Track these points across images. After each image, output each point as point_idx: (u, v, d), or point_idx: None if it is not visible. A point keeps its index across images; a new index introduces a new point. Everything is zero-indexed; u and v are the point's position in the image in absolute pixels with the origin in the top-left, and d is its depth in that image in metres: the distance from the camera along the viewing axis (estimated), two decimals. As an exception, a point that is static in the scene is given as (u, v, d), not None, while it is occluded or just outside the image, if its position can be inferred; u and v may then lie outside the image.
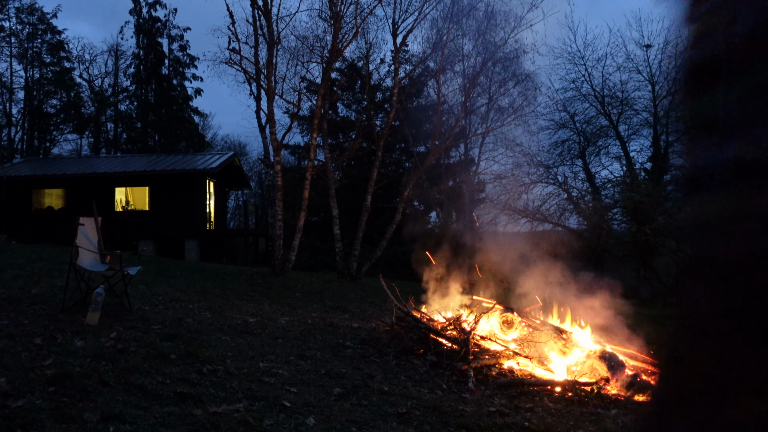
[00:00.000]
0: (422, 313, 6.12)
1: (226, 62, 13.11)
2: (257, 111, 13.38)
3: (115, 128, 32.85)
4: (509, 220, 19.64)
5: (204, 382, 3.64)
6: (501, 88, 16.71)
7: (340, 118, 24.11)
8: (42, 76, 30.16)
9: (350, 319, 7.26)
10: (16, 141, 30.11)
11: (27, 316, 4.83)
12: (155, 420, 2.91)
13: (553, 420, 3.87)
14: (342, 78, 21.33)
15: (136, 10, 31.17)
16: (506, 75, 16.55)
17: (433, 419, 3.56)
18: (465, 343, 5.14)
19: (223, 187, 23.06)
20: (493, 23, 14.87)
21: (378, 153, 14.24)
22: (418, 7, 14.18)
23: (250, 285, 9.82)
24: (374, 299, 9.88)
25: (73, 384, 3.17)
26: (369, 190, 13.80)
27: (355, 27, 13.09)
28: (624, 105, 22.49)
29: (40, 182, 19.44)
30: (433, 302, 6.68)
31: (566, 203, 21.92)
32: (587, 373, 5.00)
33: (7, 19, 28.50)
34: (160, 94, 31.11)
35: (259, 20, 12.56)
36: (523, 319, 5.89)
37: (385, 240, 13.79)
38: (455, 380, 4.69)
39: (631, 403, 4.57)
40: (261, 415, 3.17)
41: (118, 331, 4.61)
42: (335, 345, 5.47)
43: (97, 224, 5.81)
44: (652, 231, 14.77)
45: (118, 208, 19.31)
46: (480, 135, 18.85)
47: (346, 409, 3.55)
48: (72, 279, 5.38)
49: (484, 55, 15.37)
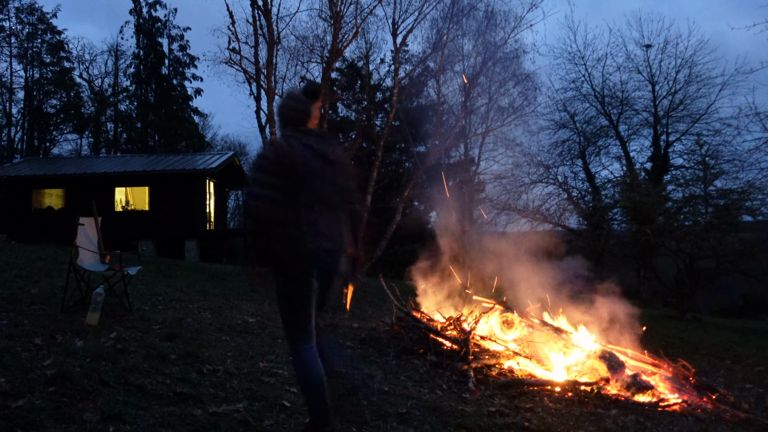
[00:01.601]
0: (422, 313, 6.12)
1: (226, 62, 13.14)
2: (257, 111, 13.40)
3: (115, 128, 32.86)
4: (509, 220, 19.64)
5: (204, 382, 3.64)
6: (501, 88, 16.72)
7: (340, 118, 24.12)
8: (42, 76, 30.17)
9: (350, 319, 7.26)
10: (16, 141, 30.13)
11: (27, 316, 4.83)
12: (155, 420, 2.91)
13: (553, 420, 3.87)
14: (342, 78, 21.35)
15: (136, 10, 31.18)
16: (506, 75, 16.56)
17: (433, 419, 3.55)
18: (465, 343, 5.13)
19: (223, 187, 23.05)
20: (493, 23, 14.89)
21: (378, 153, 14.23)
22: (418, 7, 14.21)
23: (250, 285, 9.80)
24: (374, 299, 9.87)
25: (73, 384, 3.17)
26: (369, 190, 13.80)
27: (355, 27, 13.11)
28: (624, 105, 22.47)
29: (40, 182, 19.43)
30: (432, 302, 6.68)
31: (566, 203, 21.91)
32: (587, 373, 5.00)
33: (7, 19, 28.53)
34: (160, 94, 31.12)
35: (259, 20, 12.58)
36: (523, 319, 5.89)
37: (385, 240, 13.78)
38: (455, 380, 4.69)
39: (631, 403, 4.57)
40: (261, 415, 3.17)
41: (118, 331, 4.60)
42: (335, 345, 5.47)
43: (97, 224, 5.81)
44: (652, 231, 14.74)
45: (118, 208, 19.30)
46: (480, 135, 18.86)
47: (346, 409, 3.55)
48: (72, 279, 5.38)
49: (484, 55, 15.38)
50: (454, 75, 16.88)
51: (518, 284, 6.62)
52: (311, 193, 2.73)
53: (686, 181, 19.01)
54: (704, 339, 10.32)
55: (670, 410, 4.57)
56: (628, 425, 3.98)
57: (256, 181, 2.64)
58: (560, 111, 22.79)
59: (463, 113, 15.92)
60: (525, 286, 6.55)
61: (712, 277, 16.05)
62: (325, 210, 2.78)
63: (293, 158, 2.67)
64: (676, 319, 14.27)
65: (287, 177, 2.66)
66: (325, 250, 2.75)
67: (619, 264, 18.81)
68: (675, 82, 21.68)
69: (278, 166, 2.66)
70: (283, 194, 2.64)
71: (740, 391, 5.81)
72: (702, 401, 4.93)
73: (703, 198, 17.35)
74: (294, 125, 2.81)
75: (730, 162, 19.48)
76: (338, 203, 2.87)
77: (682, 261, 15.62)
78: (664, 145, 22.33)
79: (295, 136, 2.77)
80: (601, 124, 23.08)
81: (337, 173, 2.83)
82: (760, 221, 16.71)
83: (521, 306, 6.24)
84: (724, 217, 14.94)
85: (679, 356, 6.41)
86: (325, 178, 2.77)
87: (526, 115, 16.81)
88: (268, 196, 2.61)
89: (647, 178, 19.84)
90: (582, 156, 23.01)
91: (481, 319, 5.59)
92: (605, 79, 22.54)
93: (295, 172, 2.67)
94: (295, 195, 2.69)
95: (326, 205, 2.78)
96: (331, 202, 2.81)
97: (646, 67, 22.25)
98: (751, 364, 7.76)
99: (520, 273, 6.67)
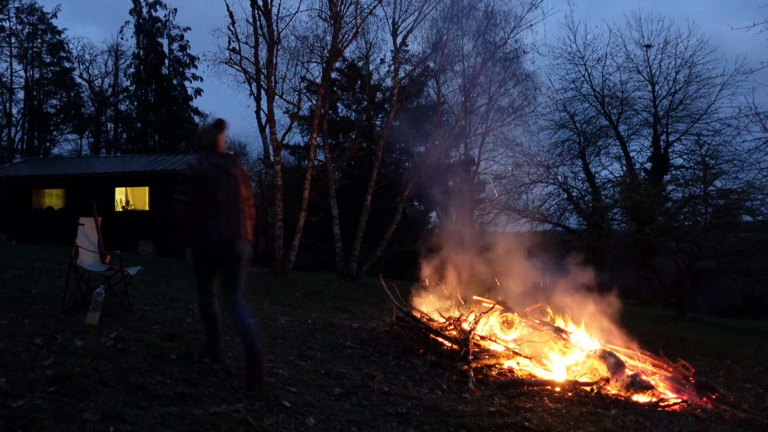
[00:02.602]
0: (422, 313, 6.12)
1: (226, 62, 13.11)
2: (257, 111, 13.38)
3: (115, 128, 32.85)
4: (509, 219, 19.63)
5: (204, 382, 3.64)
6: (501, 88, 16.71)
7: (340, 118, 24.10)
8: (42, 76, 30.14)
9: (350, 319, 7.26)
10: (16, 141, 30.11)
11: (27, 316, 4.83)
12: (155, 420, 2.91)
13: (553, 420, 3.87)
14: (342, 78, 21.32)
15: (136, 10, 31.15)
16: (506, 75, 16.55)
17: (433, 419, 3.56)
18: (465, 343, 5.13)
19: (223, 187, 22.97)
20: (492, 23, 14.87)
21: (378, 153, 14.23)
22: (418, 7, 14.19)
23: (250, 285, 9.80)
24: (374, 299, 9.88)
25: (73, 384, 3.17)
26: (369, 190, 13.79)
27: (355, 27, 13.09)
28: (624, 105, 22.47)
29: (40, 182, 19.43)
30: (432, 302, 6.68)
31: (566, 203, 21.92)
32: (587, 373, 5.00)
33: (7, 19, 28.49)
34: (160, 94, 31.09)
35: (259, 20, 12.56)
36: (523, 319, 5.89)
37: (385, 240, 13.78)
38: (455, 380, 4.69)
39: (631, 403, 4.58)
40: (261, 415, 3.17)
41: (118, 331, 4.60)
42: (335, 345, 5.47)
43: (97, 224, 5.81)
44: (652, 231, 14.75)
45: (118, 208, 19.29)
46: (480, 135, 18.85)
47: (346, 409, 3.55)
48: (72, 279, 5.38)
49: (484, 55, 15.37)
50: (454, 75, 16.89)
51: (517, 284, 6.62)
52: (215, 198, 3.79)
53: (686, 181, 19.02)
54: (704, 339, 10.32)
55: (670, 410, 4.57)
56: (628, 425, 3.98)
57: (177, 190, 3.82)
58: (560, 111, 22.82)
59: (463, 113, 15.92)
60: (525, 287, 6.56)
61: (712, 277, 16.06)
62: (225, 210, 3.82)
63: (203, 173, 3.80)
64: (676, 319, 14.27)
65: (198, 187, 3.79)
66: (224, 239, 3.80)
67: (619, 264, 18.81)
68: (675, 82, 21.69)
69: (192, 179, 3.80)
70: (195, 199, 3.79)
71: (740, 391, 5.81)
72: (702, 401, 4.93)
73: (703, 198, 17.36)
74: (206, 149, 3.96)
75: (729, 162, 19.50)
76: (236, 205, 3.88)
77: (682, 261, 15.62)
78: (664, 145, 22.34)
79: (205, 156, 3.89)
80: (601, 124, 23.10)
81: (235, 183, 3.89)
82: (760, 221, 16.72)
83: (521, 306, 6.24)
84: (724, 217, 14.95)
85: (679, 356, 6.42)
86: (227, 187, 3.84)
87: (526, 115, 16.81)
88: (184, 200, 3.79)
89: (647, 178, 19.84)
90: (582, 156, 23.02)
91: (481, 319, 5.59)
92: (605, 79, 22.57)
93: (203, 183, 3.78)
94: (203, 200, 3.79)
95: (226, 206, 3.82)
96: (230, 204, 3.85)
97: (646, 67, 22.27)
98: (751, 364, 7.77)
99: (520, 273, 6.68)
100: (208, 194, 3.78)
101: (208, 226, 3.77)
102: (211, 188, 3.77)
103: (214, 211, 3.78)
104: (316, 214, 22.13)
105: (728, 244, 15.16)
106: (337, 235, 13.79)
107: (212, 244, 3.80)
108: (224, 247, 3.81)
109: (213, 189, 3.78)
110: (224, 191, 3.81)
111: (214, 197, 3.78)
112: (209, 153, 3.91)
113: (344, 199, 17.55)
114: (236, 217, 3.86)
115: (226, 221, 3.81)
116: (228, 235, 3.79)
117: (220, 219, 3.79)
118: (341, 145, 22.94)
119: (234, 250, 3.83)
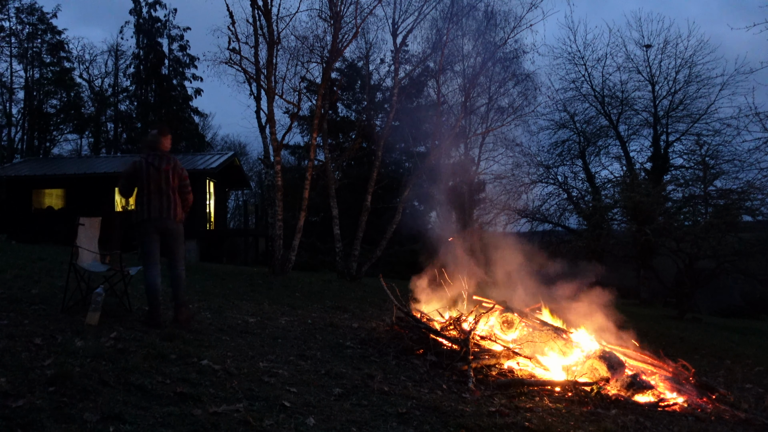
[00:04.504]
0: (422, 313, 6.11)
1: (226, 62, 13.09)
2: (257, 111, 13.36)
3: (115, 128, 32.88)
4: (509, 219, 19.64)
5: (204, 382, 3.64)
6: (501, 88, 16.72)
7: (340, 118, 24.12)
8: (42, 76, 30.17)
9: (350, 319, 7.26)
10: (16, 141, 30.13)
11: (27, 316, 4.83)
12: (155, 420, 2.91)
13: (553, 420, 3.87)
14: (342, 78, 21.33)
15: (136, 10, 31.17)
16: (506, 75, 16.56)
17: (433, 419, 3.56)
18: (465, 343, 5.13)
19: (223, 187, 23.04)
20: (492, 23, 14.87)
21: (378, 153, 14.22)
22: (418, 7, 14.17)
23: (250, 285, 9.82)
24: (374, 299, 9.88)
25: (73, 384, 3.17)
26: (369, 190, 13.78)
27: (355, 27, 13.09)
28: (624, 105, 22.47)
29: (40, 182, 19.44)
30: (431, 301, 6.68)
31: (566, 203, 21.92)
32: (587, 373, 5.00)
33: (7, 19, 28.53)
34: (160, 94, 31.11)
35: (259, 20, 12.55)
36: (523, 319, 5.88)
37: (385, 240, 13.77)
38: (455, 380, 4.69)
39: (631, 403, 4.58)
40: (261, 415, 3.17)
41: (118, 331, 4.60)
42: (335, 345, 5.47)
43: (97, 224, 5.81)
44: (652, 231, 14.75)
45: (118, 208, 19.30)
46: (480, 135, 18.85)
47: (346, 409, 3.55)
48: (72, 279, 5.38)
49: (484, 55, 15.37)
50: (454, 75, 16.88)
51: (516, 284, 6.62)
52: (147, 187, 5.08)
53: (686, 181, 19.03)
54: (704, 339, 10.32)
55: (670, 410, 4.57)
56: (628, 425, 3.98)
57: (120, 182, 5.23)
58: (560, 111, 22.82)
59: (463, 113, 15.91)
60: (524, 286, 6.56)
61: (712, 277, 16.05)
62: (156, 196, 5.08)
63: (136, 169, 5.11)
64: (676, 319, 14.28)
65: (132, 179, 5.14)
66: (155, 218, 5.06)
67: (619, 264, 18.81)
68: (675, 82, 21.70)
69: (127, 173, 5.16)
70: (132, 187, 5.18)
71: (740, 391, 5.81)
72: (702, 401, 4.93)
73: (703, 198, 17.37)
74: (148, 149, 5.19)
75: (729, 162, 19.50)
76: (166, 193, 5.10)
77: (682, 261, 15.62)
78: (664, 145, 22.34)
79: (145, 156, 5.15)
80: (601, 124, 23.09)
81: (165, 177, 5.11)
82: (760, 221, 16.72)
83: (520, 305, 6.24)
84: (724, 217, 14.95)
85: (679, 356, 6.41)
86: (157, 180, 5.09)
87: (526, 115, 16.83)
88: (125, 189, 5.23)
89: (647, 178, 19.84)
90: (582, 156, 23.01)
91: (481, 319, 5.59)
92: (605, 79, 22.56)
93: (137, 176, 5.10)
94: (139, 189, 5.12)
95: (157, 193, 5.08)
96: (160, 192, 5.09)
97: (646, 67, 22.27)
98: (751, 364, 7.77)
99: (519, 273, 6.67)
100: (141, 185, 5.07)
101: (143, 208, 5.06)
102: (144, 180, 5.06)
103: (147, 197, 5.06)
104: (316, 214, 22.14)
105: (728, 244, 15.15)
106: (337, 235, 13.79)
107: (144, 220, 5.04)
108: (154, 223, 5.06)
109: (146, 181, 5.05)
110: (154, 183, 5.06)
111: (148, 187, 5.06)
112: (149, 153, 5.14)
113: (344, 199, 17.54)
114: (166, 202, 5.10)
115: (157, 204, 5.06)
116: (157, 215, 5.05)
117: (152, 203, 5.05)
118: (341, 145, 22.96)
119: (164, 226, 5.09)
